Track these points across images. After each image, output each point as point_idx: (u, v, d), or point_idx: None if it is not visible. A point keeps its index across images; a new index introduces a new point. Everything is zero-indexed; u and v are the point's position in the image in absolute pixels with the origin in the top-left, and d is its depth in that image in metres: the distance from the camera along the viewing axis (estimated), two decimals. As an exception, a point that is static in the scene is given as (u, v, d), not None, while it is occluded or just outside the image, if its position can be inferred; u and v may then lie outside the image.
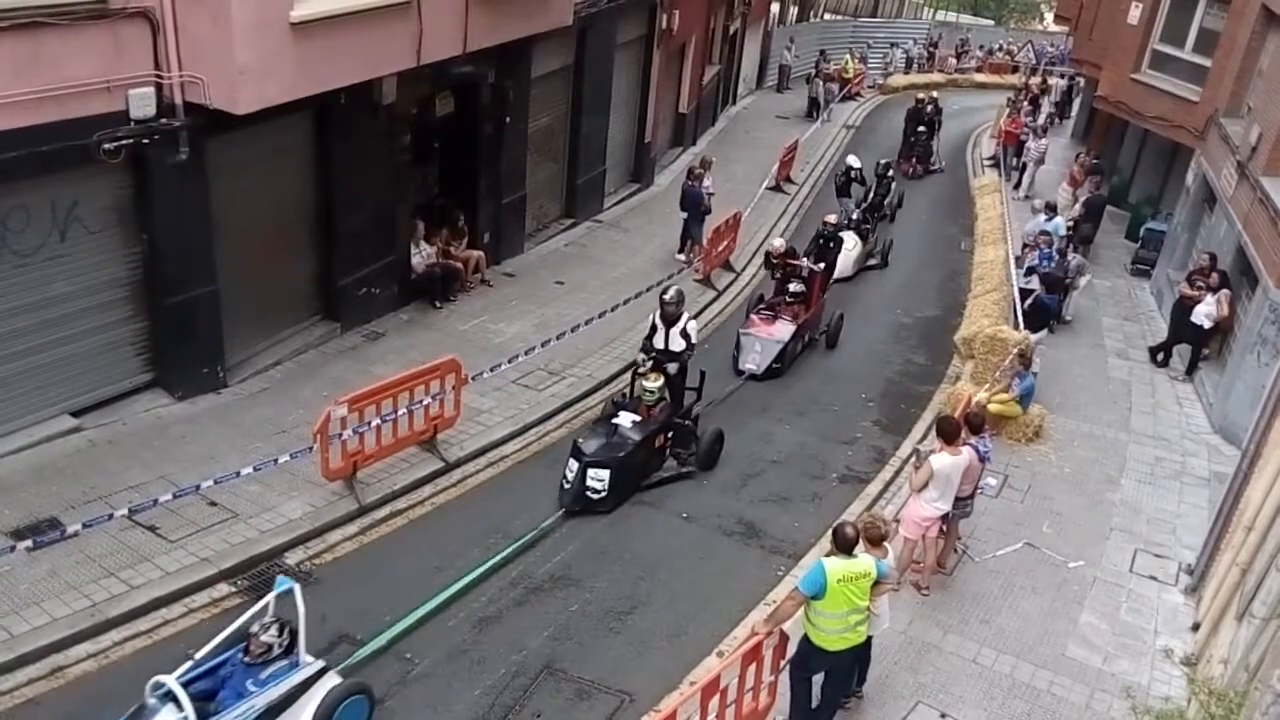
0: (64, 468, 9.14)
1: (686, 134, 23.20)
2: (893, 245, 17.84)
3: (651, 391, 10.18)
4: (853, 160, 18.72)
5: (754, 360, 12.79)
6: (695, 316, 14.42)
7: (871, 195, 18.64)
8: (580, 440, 9.90)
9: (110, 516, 8.04)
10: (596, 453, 9.67)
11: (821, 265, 13.97)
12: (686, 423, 10.62)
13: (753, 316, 13.35)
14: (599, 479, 9.51)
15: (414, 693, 7.36)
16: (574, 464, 9.68)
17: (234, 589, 8.17)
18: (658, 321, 10.76)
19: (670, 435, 10.35)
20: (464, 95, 13.85)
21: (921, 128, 23.45)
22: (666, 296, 10.81)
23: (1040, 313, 13.00)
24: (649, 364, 10.46)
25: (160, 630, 7.69)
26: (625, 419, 10.08)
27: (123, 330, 10.02)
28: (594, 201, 18.14)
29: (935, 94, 24.95)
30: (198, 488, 8.54)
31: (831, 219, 15.25)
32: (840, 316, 14.11)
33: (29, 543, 7.69)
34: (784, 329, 13.02)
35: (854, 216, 17.35)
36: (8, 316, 9.00)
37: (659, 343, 10.71)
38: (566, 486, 9.66)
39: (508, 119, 14.56)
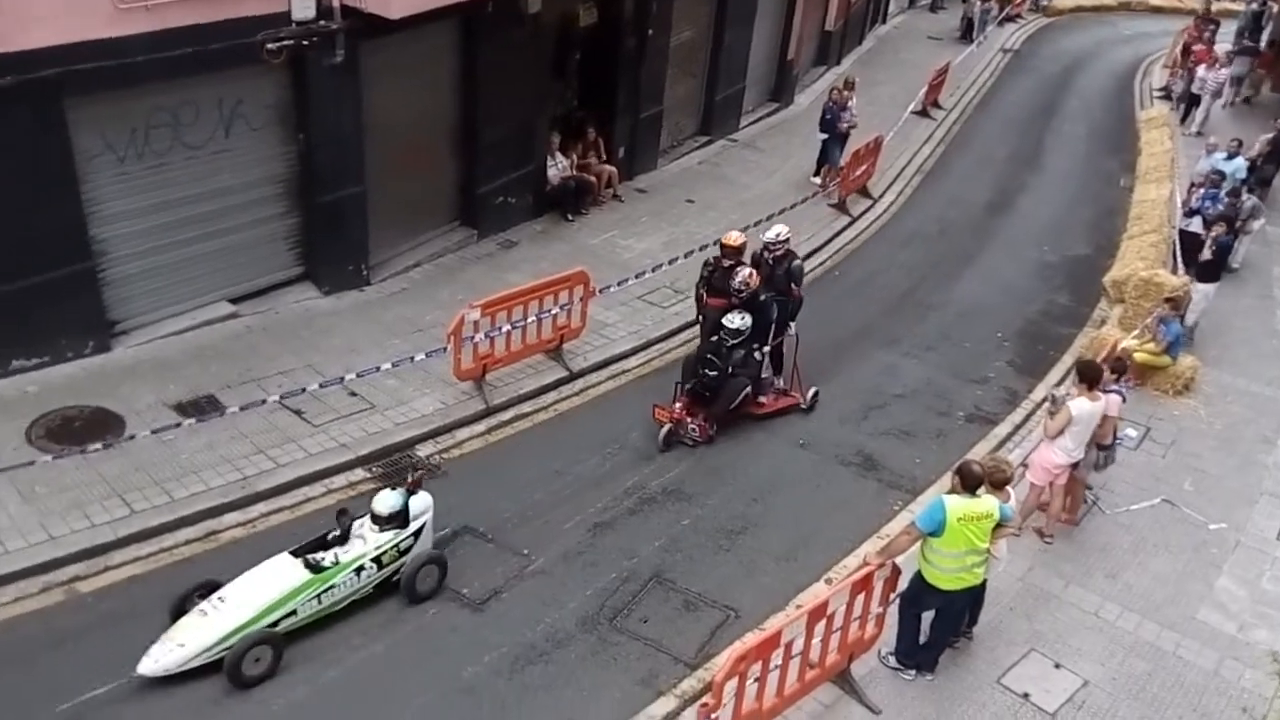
0: (222, 350, 9.82)
1: (831, 53, 22.29)
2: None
3: None
4: None
5: None
6: (827, 243, 14.21)
7: None
8: None
9: (264, 402, 8.64)
10: None
11: None
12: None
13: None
14: None
15: (529, 587, 7.71)
16: None
17: (369, 474, 8.68)
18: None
19: None
20: (608, 6, 13.67)
21: (712, 356, 9.51)
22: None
23: (1219, 259, 11.91)
24: None
25: (302, 507, 8.27)
26: None
27: (278, 225, 10.57)
28: (731, 119, 17.77)
29: (785, 232, 10.14)
30: (341, 379, 9.04)
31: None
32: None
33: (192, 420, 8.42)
34: None
35: None
36: (177, 205, 9.60)
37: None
38: None
39: (650, 31, 14.33)
